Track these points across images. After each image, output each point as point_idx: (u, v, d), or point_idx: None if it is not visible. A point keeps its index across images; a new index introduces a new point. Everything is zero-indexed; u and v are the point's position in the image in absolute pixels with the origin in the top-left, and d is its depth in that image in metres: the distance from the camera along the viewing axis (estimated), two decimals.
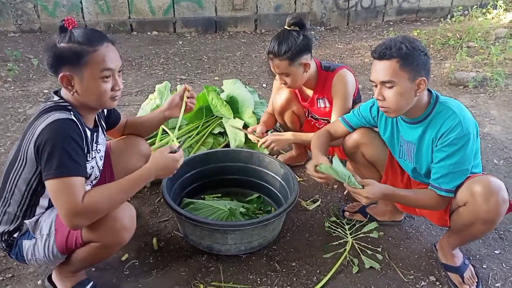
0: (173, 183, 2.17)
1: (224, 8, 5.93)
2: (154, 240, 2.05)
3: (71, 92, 1.46)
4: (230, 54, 5.03)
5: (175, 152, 1.56)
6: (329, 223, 2.13)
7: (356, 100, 2.29)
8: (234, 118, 2.80)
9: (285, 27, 2.12)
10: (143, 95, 3.75)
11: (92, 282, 1.71)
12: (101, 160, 1.68)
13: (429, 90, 1.70)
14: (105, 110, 1.78)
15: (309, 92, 2.36)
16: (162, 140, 2.59)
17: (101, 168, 1.68)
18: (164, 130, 2.66)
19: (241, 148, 2.64)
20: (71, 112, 1.44)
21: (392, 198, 1.75)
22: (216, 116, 2.91)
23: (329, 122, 2.33)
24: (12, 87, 3.96)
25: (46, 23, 5.55)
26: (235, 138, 2.74)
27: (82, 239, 1.49)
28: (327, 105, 2.32)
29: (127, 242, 1.56)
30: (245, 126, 2.76)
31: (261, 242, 1.97)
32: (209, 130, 2.82)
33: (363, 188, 1.62)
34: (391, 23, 6.86)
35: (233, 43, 5.49)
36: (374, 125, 1.95)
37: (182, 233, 2.07)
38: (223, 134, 2.87)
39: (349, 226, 2.13)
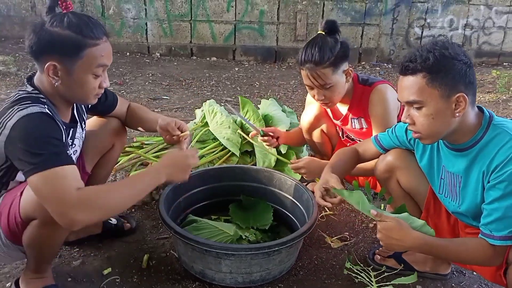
0: (177, 195, 1.93)
1: (285, 38, 5.81)
2: (145, 257, 1.80)
3: (54, 83, 1.30)
4: (284, 82, 4.84)
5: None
6: (350, 265, 1.73)
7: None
8: None
9: (319, 31, 1.86)
10: (183, 112, 3.64)
11: None
12: (74, 154, 1.52)
13: (480, 109, 1.33)
14: None
15: (343, 109, 2.02)
16: None
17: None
18: None
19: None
20: (45, 106, 1.29)
21: (425, 250, 1.35)
22: None
23: None
24: None
25: (111, 41, 5.64)
26: (264, 160, 2.46)
27: (20, 214, 1.29)
28: (364, 125, 1.97)
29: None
30: (277, 151, 2.46)
31: (263, 276, 1.64)
32: None
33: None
34: None
35: (290, 73, 5.31)
36: (411, 149, 1.58)
37: (177, 253, 1.80)
38: (251, 153, 2.60)
39: (376, 273, 1.70)
